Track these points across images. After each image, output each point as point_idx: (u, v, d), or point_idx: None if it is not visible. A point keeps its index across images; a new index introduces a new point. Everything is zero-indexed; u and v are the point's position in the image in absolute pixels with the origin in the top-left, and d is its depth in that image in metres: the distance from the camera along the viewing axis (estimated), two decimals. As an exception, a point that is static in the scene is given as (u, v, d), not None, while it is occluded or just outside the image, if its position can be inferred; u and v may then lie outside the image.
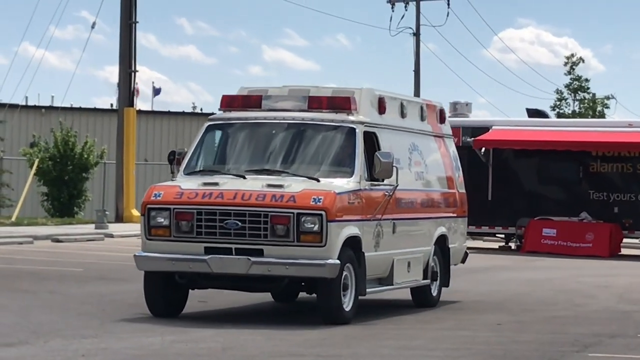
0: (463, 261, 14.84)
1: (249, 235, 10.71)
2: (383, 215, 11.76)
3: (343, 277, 10.88)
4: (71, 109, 48.02)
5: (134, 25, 34.53)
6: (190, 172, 11.87)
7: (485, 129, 27.99)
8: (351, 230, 11.07)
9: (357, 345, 9.85)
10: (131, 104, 35.89)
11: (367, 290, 11.65)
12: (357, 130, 11.66)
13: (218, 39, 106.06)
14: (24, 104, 44.01)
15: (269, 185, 10.91)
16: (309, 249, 10.61)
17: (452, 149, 14.92)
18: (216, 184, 11.22)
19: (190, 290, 11.88)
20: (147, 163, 44.58)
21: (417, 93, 48.04)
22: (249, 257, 10.61)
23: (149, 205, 11.15)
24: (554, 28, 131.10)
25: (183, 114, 53.71)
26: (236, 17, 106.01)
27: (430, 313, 13.18)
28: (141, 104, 47.22)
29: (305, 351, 9.34)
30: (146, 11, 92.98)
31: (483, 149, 27.49)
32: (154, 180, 32.23)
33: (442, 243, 13.66)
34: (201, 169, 12.03)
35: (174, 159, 12.44)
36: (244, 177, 11.44)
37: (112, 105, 49.34)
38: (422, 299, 13.32)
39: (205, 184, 11.27)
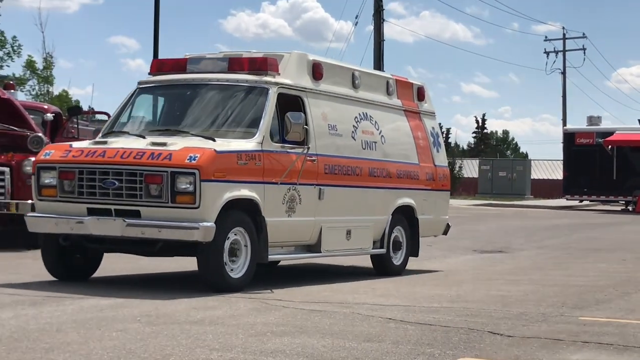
0: (445, 232, 14.61)
1: (126, 195, 9.85)
2: (300, 180, 11.01)
3: (231, 241, 10.06)
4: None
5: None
6: (105, 133, 11.38)
7: (610, 133, 43.25)
8: (241, 192, 10.15)
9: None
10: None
11: (280, 256, 11.53)
12: (270, 91, 10.87)
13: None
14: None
15: (153, 144, 10.05)
16: (183, 210, 9.68)
17: (432, 125, 14.53)
18: (105, 142, 10.50)
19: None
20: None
21: (564, 114, 68.94)
22: (124, 219, 9.80)
23: (38, 164, 10.43)
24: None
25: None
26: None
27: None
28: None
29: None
30: None
31: (609, 146, 42.33)
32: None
33: (408, 214, 13.34)
34: (113, 130, 11.38)
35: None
36: (144, 137, 10.66)
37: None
38: (381, 268, 13.01)
39: (96, 142, 10.62)
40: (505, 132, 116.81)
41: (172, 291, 10.32)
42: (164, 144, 9.97)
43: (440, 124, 17.55)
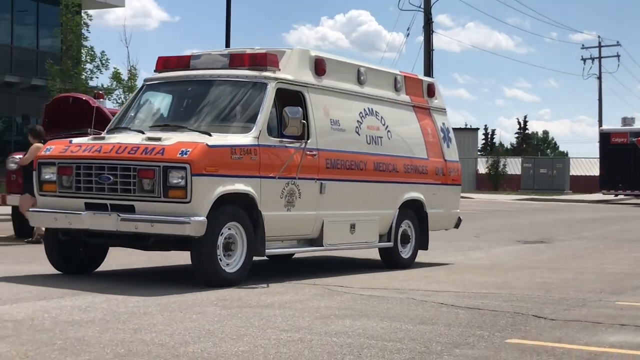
0: (456, 226, 13.55)
1: (120, 190, 9.12)
2: (300, 175, 10.13)
3: (226, 236, 9.24)
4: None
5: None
6: (109, 129, 10.67)
7: (644, 132, 44.87)
8: (235, 186, 9.30)
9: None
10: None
11: (278, 250, 10.58)
12: (268, 86, 10.00)
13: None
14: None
15: (149, 139, 9.31)
16: (175, 205, 8.89)
17: (442, 121, 13.38)
18: (103, 138, 9.78)
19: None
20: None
21: (600, 116, 69.41)
22: (119, 214, 9.08)
23: (39, 160, 9.82)
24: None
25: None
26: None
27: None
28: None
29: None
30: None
31: (643, 144, 43.64)
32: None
33: (417, 208, 12.36)
34: (117, 126, 10.67)
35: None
36: (143, 133, 9.89)
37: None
38: (389, 260, 12.03)
39: (95, 138, 9.86)
40: (546, 133, 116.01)
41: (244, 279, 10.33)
42: (158, 139, 9.25)
43: (485, 125, 17.10)
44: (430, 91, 13.17)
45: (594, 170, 60.69)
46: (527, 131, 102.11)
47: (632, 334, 7.26)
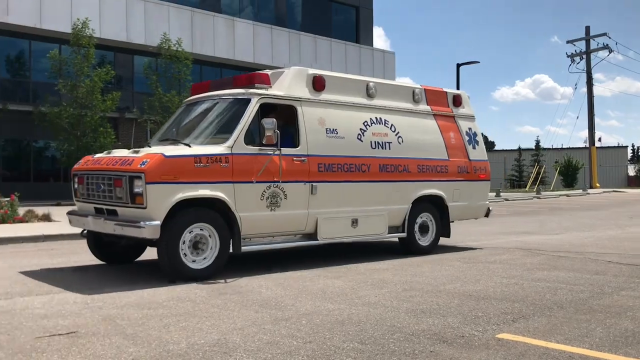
0: (486, 215, 11.37)
1: (107, 197, 7.84)
2: (285, 178, 8.33)
3: (194, 235, 7.60)
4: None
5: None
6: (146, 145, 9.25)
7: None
8: (199, 192, 7.59)
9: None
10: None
11: (259, 247, 8.34)
12: (251, 101, 8.37)
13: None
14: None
15: (133, 152, 8.00)
16: (138, 210, 7.48)
17: (469, 126, 11.24)
18: (110, 152, 8.41)
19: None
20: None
21: None
22: (105, 218, 7.88)
23: (72, 172, 8.68)
24: None
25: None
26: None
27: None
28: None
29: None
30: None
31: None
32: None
33: (437, 202, 10.43)
34: (150, 142, 9.31)
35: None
36: (149, 146, 8.67)
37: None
38: (406, 247, 10.09)
39: (107, 152, 8.45)
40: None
41: (473, 242, 10.74)
42: (137, 152, 7.91)
43: (632, 143, 16.14)
44: (457, 101, 11.19)
45: None
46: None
47: None
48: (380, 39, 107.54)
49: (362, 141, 9.41)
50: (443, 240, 11.29)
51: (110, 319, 5.49)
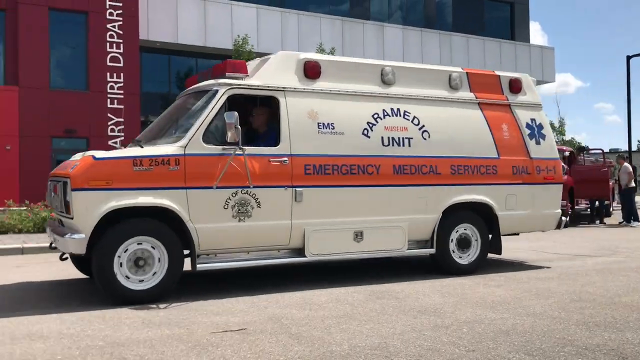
0: (558, 226, 9.12)
1: (57, 205, 6.76)
2: (258, 182, 6.89)
3: (133, 251, 6.37)
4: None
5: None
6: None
7: None
8: (138, 200, 6.34)
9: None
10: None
11: (211, 265, 6.78)
12: (217, 93, 7.01)
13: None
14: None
15: (82, 154, 6.74)
16: (69, 221, 6.37)
17: (531, 117, 9.14)
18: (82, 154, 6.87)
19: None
20: None
21: None
22: (50, 228, 7.02)
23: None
24: None
25: None
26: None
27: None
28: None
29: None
30: None
31: None
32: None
33: (482, 210, 8.54)
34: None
35: None
36: (141, 147, 6.97)
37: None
38: (438, 266, 8.31)
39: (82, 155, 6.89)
40: None
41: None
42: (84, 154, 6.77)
43: None
44: (514, 87, 9.07)
45: None
46: None
47: None
48: (537, 33, 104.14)
49: (369, 137, 7.75)
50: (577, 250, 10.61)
51: (275, 318, 5.70)
